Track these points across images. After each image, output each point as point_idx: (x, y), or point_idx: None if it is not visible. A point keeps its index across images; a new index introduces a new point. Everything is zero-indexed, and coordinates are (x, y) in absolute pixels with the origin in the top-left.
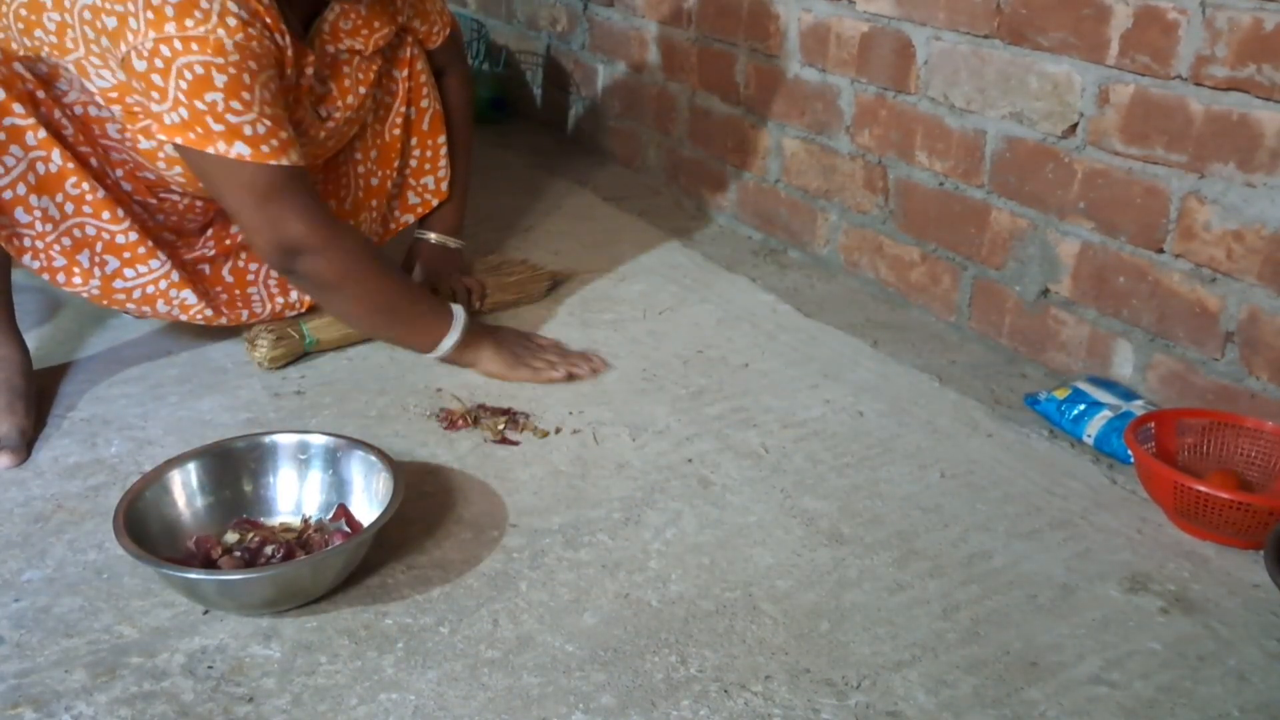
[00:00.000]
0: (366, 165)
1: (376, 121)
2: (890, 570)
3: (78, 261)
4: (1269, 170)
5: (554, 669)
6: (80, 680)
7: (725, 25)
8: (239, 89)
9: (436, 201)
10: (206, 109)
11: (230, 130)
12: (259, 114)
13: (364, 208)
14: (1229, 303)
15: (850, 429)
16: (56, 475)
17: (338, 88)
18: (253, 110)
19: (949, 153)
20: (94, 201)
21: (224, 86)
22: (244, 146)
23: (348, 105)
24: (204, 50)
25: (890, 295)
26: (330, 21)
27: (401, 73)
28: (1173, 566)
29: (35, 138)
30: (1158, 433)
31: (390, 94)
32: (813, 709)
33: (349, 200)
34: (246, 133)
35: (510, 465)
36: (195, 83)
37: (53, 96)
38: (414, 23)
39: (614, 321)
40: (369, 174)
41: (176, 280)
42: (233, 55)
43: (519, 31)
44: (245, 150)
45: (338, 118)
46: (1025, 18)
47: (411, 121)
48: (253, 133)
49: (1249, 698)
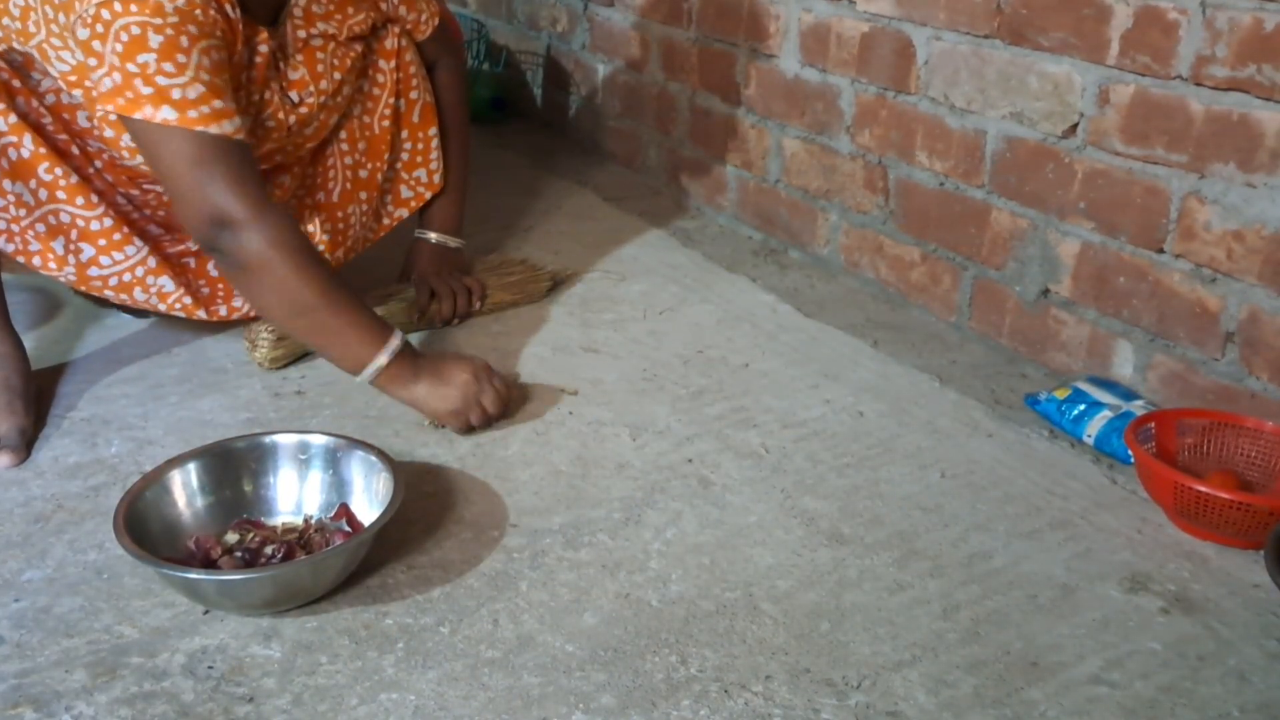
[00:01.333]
0: (354, 157)
1: (364, 114)
2: (890, 570)
3: (52, 248)
4: (1269, 170)
5: (554, 669)
6: (80, 680)
7: (725, 25)
8: (174, 51)
9: (430, 194)
10: (138, 70)
11: (159, 93)
12: (192, 78)
13: (353, 200)
14: (1229, 303)
15: (850, 429)
16: (57, 475)
17: (309, 72)
18: (185, 74)
19: (949, 153)
20: (67, 187)
21: (158, 48)
22: (170, 110)
23: (321, 90)
24: (142, 10)
25: (890, 295)
26: (302, 6)
27: (389, 64)
28: (1173, 566)
29: (5, 123)
30: (1158, 433)
31: (378, 85)
32: (813, 709)
33: (336, 192)
34: (175, 96)
35: (511, 465)
36: (130, 44)
37: (29, 87)
38: (400, 11)
39: (614, 321)
40: (357, 165)
41: (153, 266)
42: (171, 17)
43: (519, 31)
44: (172, 114)
45: (310, 103)
46: (1025, 18)
47: (401, 113)
48: (181, 96)
49: (1249, 697)
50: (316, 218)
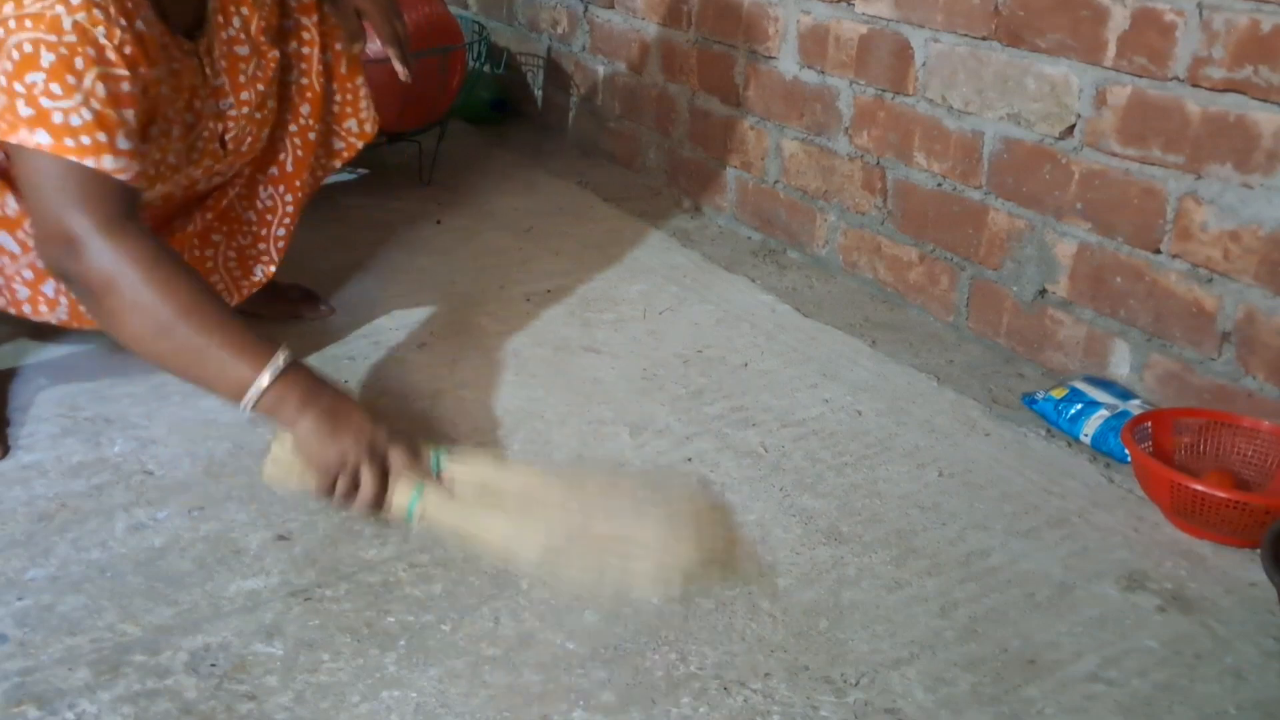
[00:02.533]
0: (299, 123)
1: (301, 75)
2: (888, 568)
3: (42, 292)
4: (1265, 171)
5: (555, 666)
6: (83, 678)
7: (725, 27)
8: (65, 71)
9: (361, 144)
10: (24, 91)
11: (39, 115)
12: (80, 103)
13: (304, 167)
14: (1226, 303)
15: (849, 428)
16: (60, 474)
17: (231, 82)
18: (73, 97)
19: (947, 154)
20: None
21: (49, 67)
22: (45, 135)
23: (243, 102)
24: (37, 26)
25: (888, 295)
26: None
27: (310, 19)
28: (1169, 565)
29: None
30: (1154, 432)
31: (306, 44)
32: (811, 706)
33: (289, 162)
34: (55, 120)
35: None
36: (21, 62)
37: None
38: None
39: (614, 321)
40: (305, 129)
41: None
42: (68, 36)
43: (520, 33)
44: (46, 139)
45: (234, 116)
46: (1023, 19)
47: (330, 66)
48: (63, 121)
49: (1245, 695)
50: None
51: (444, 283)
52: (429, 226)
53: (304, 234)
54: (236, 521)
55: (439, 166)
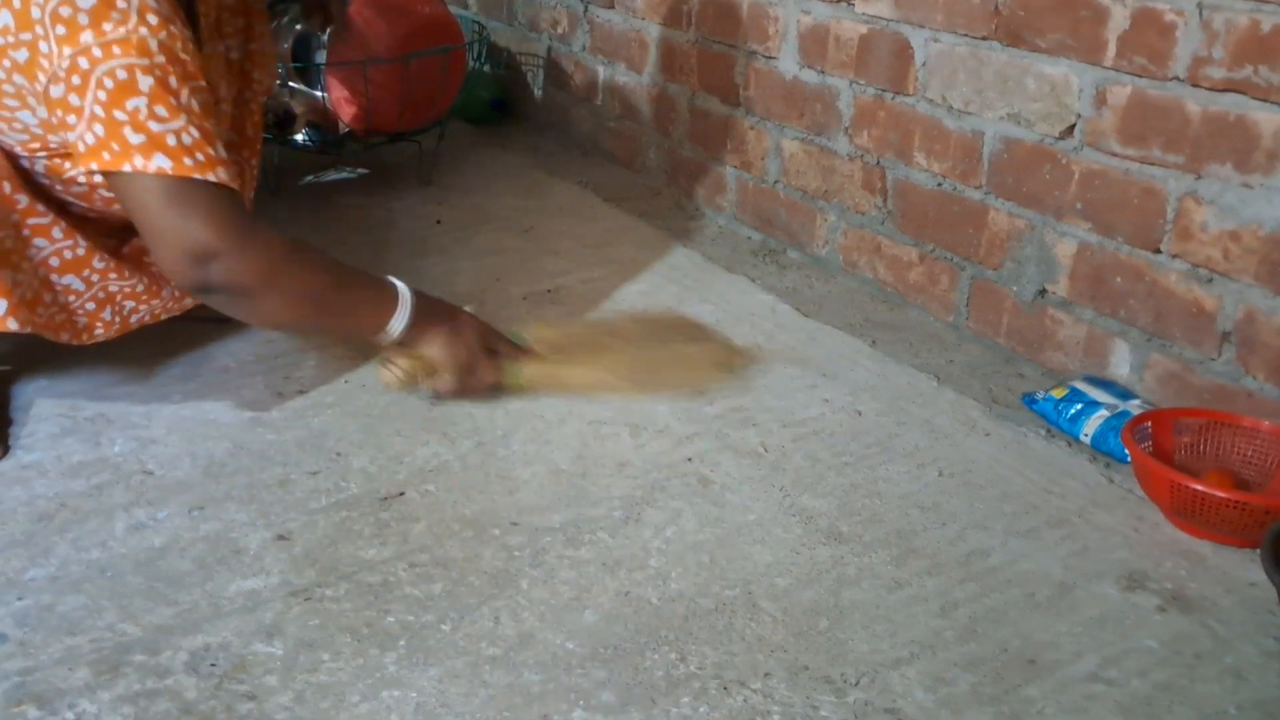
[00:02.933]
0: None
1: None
2: (888, 568)
3: (101, 317)
4: (1266, 171)
5: (555, 666)
6: (83, 678)
7: (725, 27)
8: (165, 93)
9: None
10: (127, 118)
11: (152, 141)
12: (186, 122)
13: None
14: (1226, 303)
15: (849, 428)
16: (60, 474)
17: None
18: (179, 118)
19: (947, 154)
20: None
21: (149, 90)
22: (165, 159)
23: (221, 98)
24: (126, 52)
25: (888, 295)
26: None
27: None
28: (1170, 565)
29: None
30: (1154, 432)
31: None
32: (811, 706)
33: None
34: (170, 142)
35: (511, 464)
36: (116, 90)
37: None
38: None
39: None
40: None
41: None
42: (158, 56)
43: (520, 33)
44: (166, 163)
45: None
46: (1023, 19)
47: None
48: (177, 143)
49: (1246, 695)
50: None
51: (444, 283)
52: (429, 226)
53: (304, 234)
54: (236, 521)
55: (439, 166)
